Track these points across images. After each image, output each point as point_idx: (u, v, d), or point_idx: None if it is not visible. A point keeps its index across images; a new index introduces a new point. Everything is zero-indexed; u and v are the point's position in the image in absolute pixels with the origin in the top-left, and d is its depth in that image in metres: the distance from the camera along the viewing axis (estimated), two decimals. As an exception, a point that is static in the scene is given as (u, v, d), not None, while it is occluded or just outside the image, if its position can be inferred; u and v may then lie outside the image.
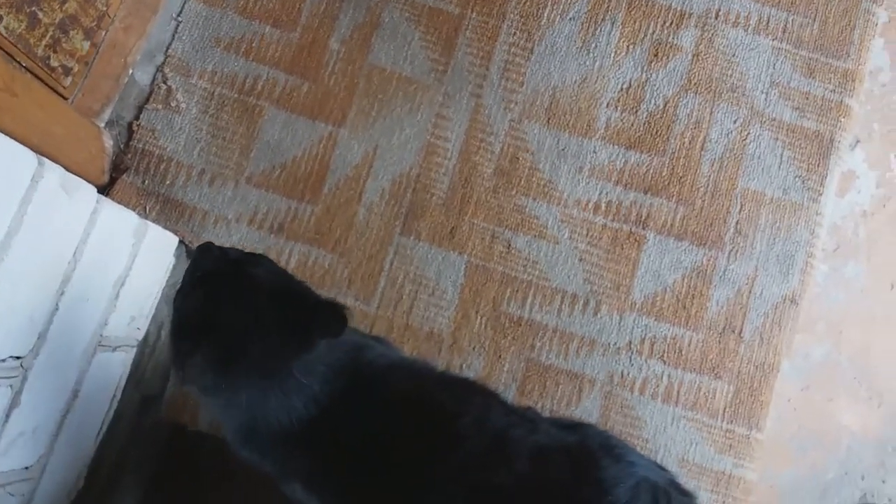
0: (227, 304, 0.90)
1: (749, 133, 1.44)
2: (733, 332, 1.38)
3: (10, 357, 0.90)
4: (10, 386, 0.91)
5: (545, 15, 1.47)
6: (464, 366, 1.36)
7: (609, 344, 1.37)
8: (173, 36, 1.44)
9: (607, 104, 1.44)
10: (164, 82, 1.42)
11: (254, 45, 1.44)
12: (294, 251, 1.37)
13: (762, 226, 1.41)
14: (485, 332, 1.37)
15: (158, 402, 1.30)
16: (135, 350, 1.22)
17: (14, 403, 0.93)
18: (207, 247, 0.96)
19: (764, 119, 1.44)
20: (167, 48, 1.43)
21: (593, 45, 1.47)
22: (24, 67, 1.13)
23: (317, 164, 1.41)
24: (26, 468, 1.00)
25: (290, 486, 0.98)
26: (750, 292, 1.39)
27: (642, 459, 0.97)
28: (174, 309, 0.96)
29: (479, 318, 1.38)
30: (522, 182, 1.41)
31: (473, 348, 1.37)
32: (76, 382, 1.06)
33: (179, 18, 1.44)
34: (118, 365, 1.18)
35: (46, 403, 1.00)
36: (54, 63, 1.20)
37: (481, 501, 0.87)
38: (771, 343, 1.38)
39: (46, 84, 1.19)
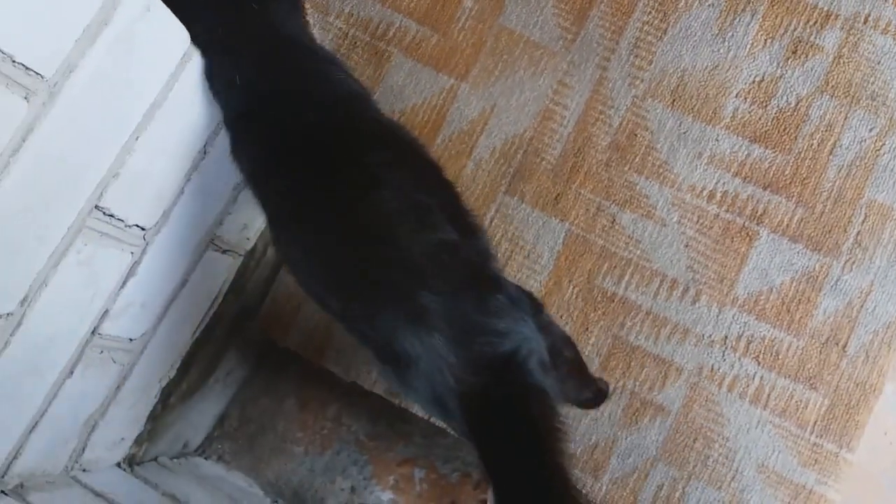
0: None
1: (885, 144, 1.37)
2: (837, 344, 1.31)
3: (136, 226, 0.95)
4: (132, 253, 0.97)
5: (684, -2, 1.45)
6: (549, 332, 1.34)
7: (703, 335, 1.32)
8: (318, -25, 1.50)
9: (736, 94, 1.40)
10: (303, 17, 1.48)
11: (391, -8, 1.48)
12: (400, 194, 1.40)
13: (885, 241, 1.34)
14: (575, 302, 1.35)
15: (255, 316, 1.35)
16: (241, 259, 1.27)
17: (132, 272, 0.98)
18: None
19: (903, 132, 1.37)
20: (311, -15, 1.50)
21: (730, 34, 1.43)
22: None
23: (434, 114, 1.44)
24: (131, 340, 1.05)
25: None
26: (862, 307, 1.31)
27: None
28: None
29: (571, 287, 1.36)
30: (637, 159, 1.39)
31: (561, 316, 1.35)
32: (185, 272, 1.11)
33: (327, -41, 1.50)
34: (224, 268, 1.23)
35: (158, 282, 1.05)
36: None
37: None
38: (877, 363, 1.30)
39: None
